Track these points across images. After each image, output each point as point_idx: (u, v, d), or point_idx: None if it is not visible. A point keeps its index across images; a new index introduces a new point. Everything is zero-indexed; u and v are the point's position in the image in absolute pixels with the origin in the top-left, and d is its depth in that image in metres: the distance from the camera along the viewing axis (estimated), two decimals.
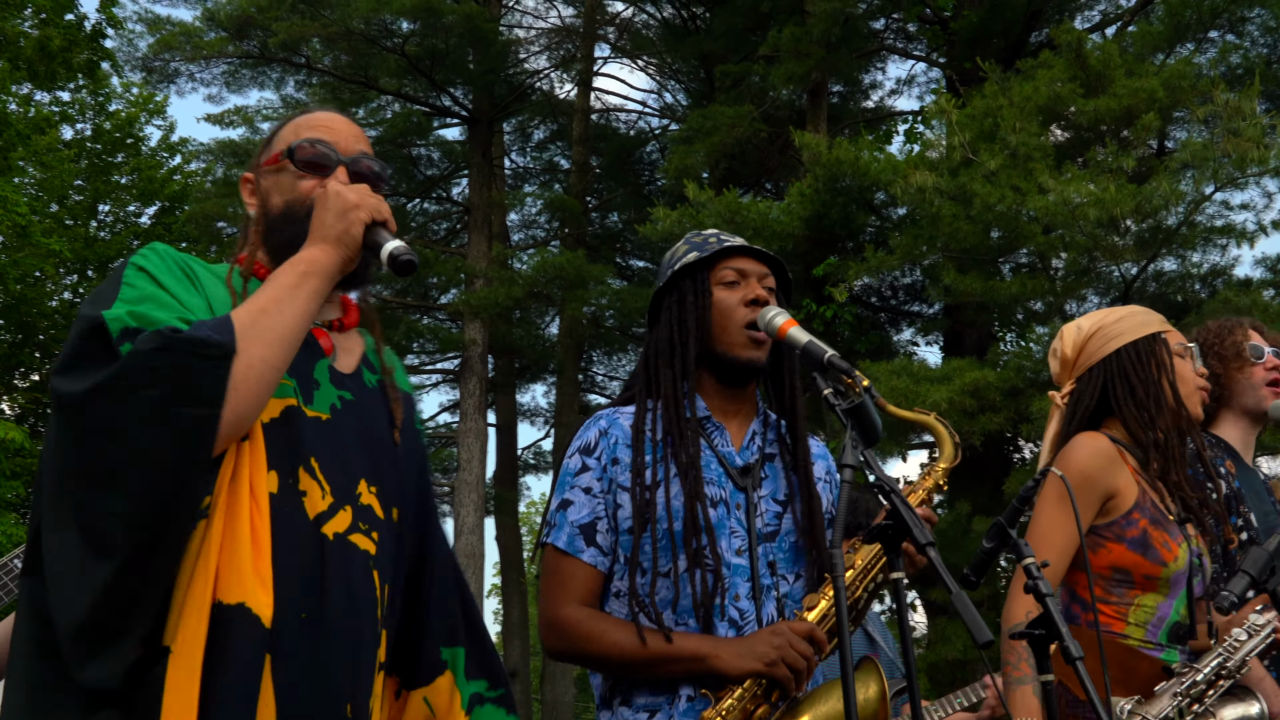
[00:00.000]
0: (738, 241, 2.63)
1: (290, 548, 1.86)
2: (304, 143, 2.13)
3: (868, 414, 1.97)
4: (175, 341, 1.76)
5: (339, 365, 2.11)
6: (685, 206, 13.35)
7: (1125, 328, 3.08)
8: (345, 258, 1.98)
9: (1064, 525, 2.81)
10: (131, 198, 20.19)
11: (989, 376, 11.26)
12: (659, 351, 2.57)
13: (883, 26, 18.30)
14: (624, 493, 2.45)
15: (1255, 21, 13.62)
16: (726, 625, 2.39)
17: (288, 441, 1.92)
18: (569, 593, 2.44)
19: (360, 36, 18.57)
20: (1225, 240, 12.19)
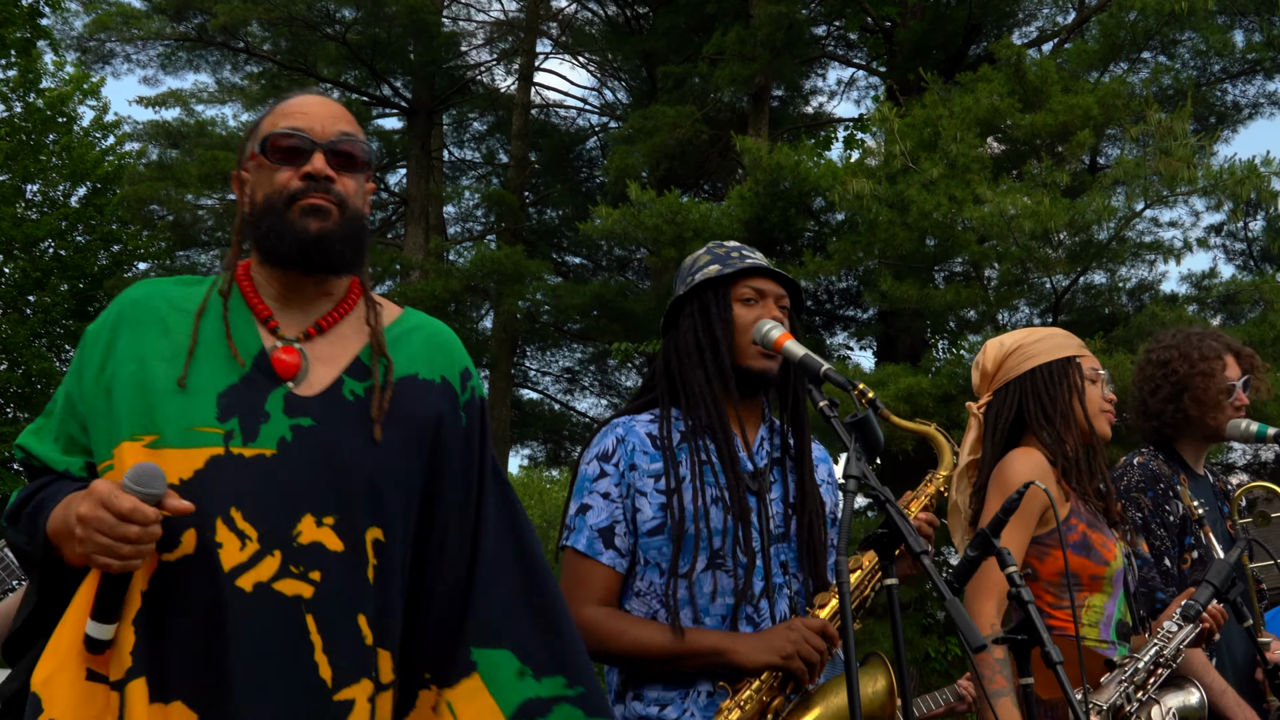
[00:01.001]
0: (760, 260, 2.74)
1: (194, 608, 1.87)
2: (277, 133, 2.08)
3: (870, 427, 2.05)
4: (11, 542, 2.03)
5: (302, 388, 2.01)
6: (626, 206, 13.41)
7: (1043, 349, 3.23)
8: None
9: (1015, 538, 2.95)
10: (61, 178, 19.80)
11: (922, 383, 11.45)
12: (684, 355, 2.67)
13: (825, 33, 18.50)
14: (641, 497, 2.56)
15: (1186, 44, 13.97)
16: (744, 623, 2.50)
17: (208, 494, 1.88)
18: (589, 593, 2.53)
19: (301, 23, 18.40)
20: (1153, 256, 12.51)
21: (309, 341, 2.06)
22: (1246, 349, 3.87)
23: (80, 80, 20.12)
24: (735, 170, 18.00)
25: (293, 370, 2.01)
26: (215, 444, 1.91)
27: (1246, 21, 14.32)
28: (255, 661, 1.85)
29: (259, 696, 1.85)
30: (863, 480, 1.98)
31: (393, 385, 2.07)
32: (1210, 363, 3.76)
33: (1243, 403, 3.75)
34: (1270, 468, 13.13)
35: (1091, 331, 11.41)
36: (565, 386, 23.38)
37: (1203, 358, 3.78)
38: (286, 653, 1.88)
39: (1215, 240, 14.42)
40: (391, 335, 2.13)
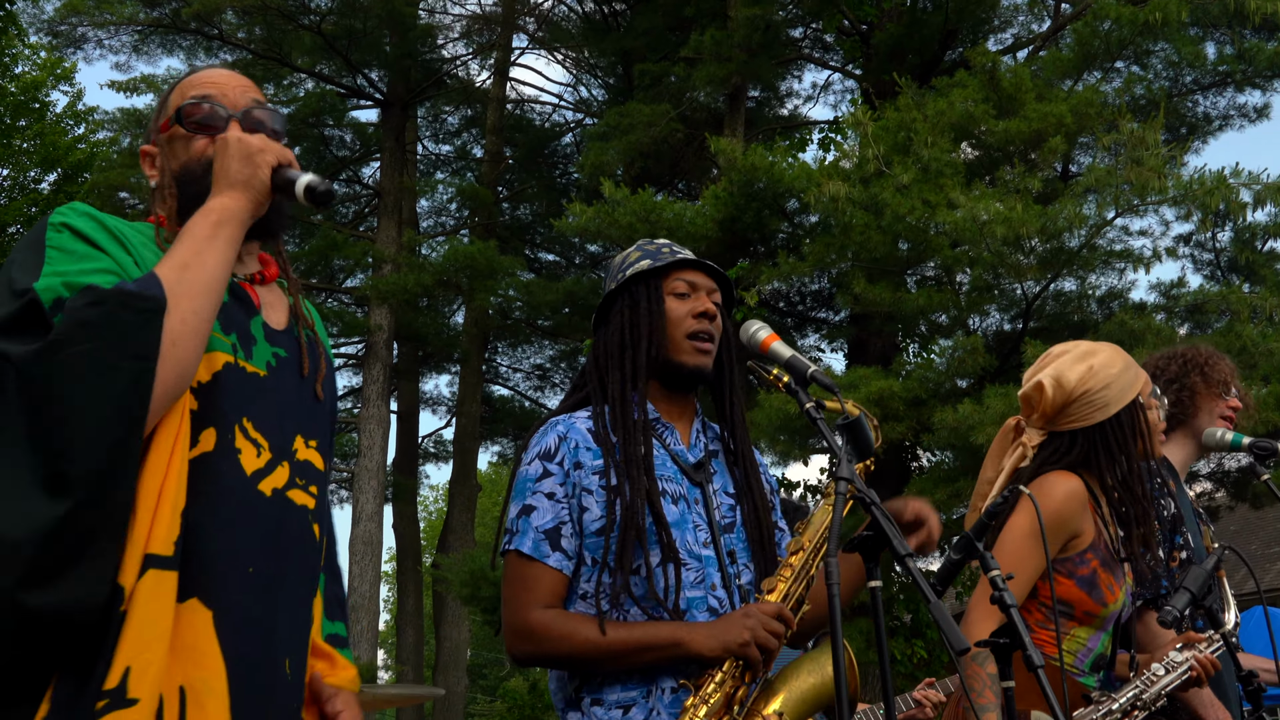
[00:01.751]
0: (689, 255, 2.71)
1: (225, 504, 1.88)
2: (191, 103, 2.12)
3: (861, 430, 2.06)
4: (106, 296, 1.77)
5: (270, 321, 2.11)
6: (600, 204, 13.41)
7: (1111, 397, 3.12)
8: (255, 202, 1.99)
9: (1031, 557, 2.91)
10: (32, 163, 19.62)
11: (893, 386, 11.50)
12: (609, 354, 2.63)
13: (801, 35, 18.55)
14: (588, 495, 2.49)
15: (1159, 55, 14.07)
16: (708, 615, 2.46)
17: (226, 399, 1.94)
18: (536, 597, 2.45)
19: (276, 11, 18.32)
20: (1123, 264, 12.59)
21: (257, 285, 2.15)
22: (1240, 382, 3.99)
23: (53, 66, 19.95)
24: (710, 170, 18.02)
25: (259, 304, 2.11)
26: (228, 351, 1.98)
27: (1218, 34, 14.45)
28: (278, 564, 1.94)
29: (282, 599, 1.94)
30: (852, 483, 1.99)
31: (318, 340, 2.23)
32: (1217, 356, 3.91)
33: (1235, 405, 3.84)
34: (1233, 476, 13.25)
35: (1061, 338, 11.46)
36: (536, 383, 23.40)
37: (1209, 350, 3.93)
38: (302, 557, 2.01)
39: (1184, 250, 14.54)
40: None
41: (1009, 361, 12.34)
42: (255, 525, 1.92)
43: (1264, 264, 13.23)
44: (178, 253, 1.89)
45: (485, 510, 35.61)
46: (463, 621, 19.75)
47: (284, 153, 2.02)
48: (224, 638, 1.83)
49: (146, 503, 1.80)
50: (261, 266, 2.19)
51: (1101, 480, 3.10)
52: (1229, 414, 3.86)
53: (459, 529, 19.86)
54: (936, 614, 1.83)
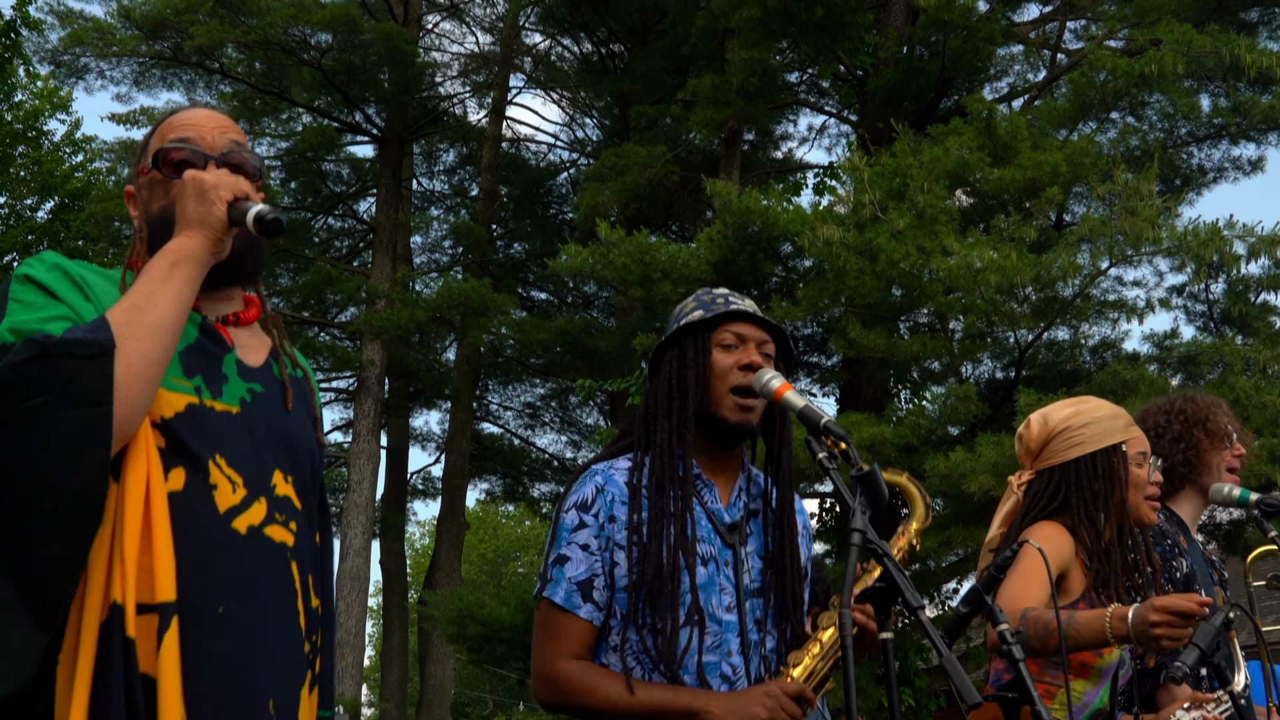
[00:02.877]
0: (744, 306, 2.68)
1: (199, 542, 1.86)
2: (169, 146, 2.12)
3: (876, 482, 2.03)
4: (49, 347, 1.75)
5: (245, 359, 2.10)
6: (595, 244, 13.43)
7: (1090, 435, 3.20)
8: (213, 240, 1.97)
9: (1038, 586, 2.92)
10: (29, 191, 19.63)
11: (885, 432, 11.48)
12: (658, 404, 2.62)
13: (798, 80, 18.66)
14: (620, 550, 2.50)
15: (1154, 107, 14.17)
16: (720, 680, 2.46)
17: (193, 437, 1.92)
18: (564, 647, 2.48)
19: (277, 46, 18.40)
20: (1116, 314, 12.60)
21: (231, 326, 2.14)
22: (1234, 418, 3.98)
23: (51, 94, 20.00)
24: (704, 212, 18.08)
25: (231, 343, 2.09)
26: (190, 394, 1.96)
27: (1213, 87, 14.56)
28: (256, 603, 1.91)
29: (261, 638, 1.91)
30: (866, 535, 1.96)
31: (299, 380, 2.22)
32: (1214, 405, 3.90)
33: (1239, 453, 3.83)
34: (1225, 529, 13.23)
35: (1054, 387, 11.49)
36: (526, 421, 23.35)
37: (1205, 401, 3.92)
38: (280, 596, 1.97)
39: (1177, 301, 14.57)
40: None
41: (1001, 410, 12.33)
42: (228, 563, 1.89)
43: (1257, 316, 13.27)
44: (131, 294, 1.89)
45: (472, 548, 35.48)
46: (448, 659, 19.61)
47: (238, 186, 2.00)
48: (188, 680, 1.79)
49: (134, 545, 1.78)
50: (242, 307, 2.18)
51: (1074, 527, 3.12)
52: (1235, 464, 3.85)
53: (446, 566, 19.76)
54: (949, 667, 1.80)
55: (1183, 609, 2.68)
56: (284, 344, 2.22)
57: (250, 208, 1.97)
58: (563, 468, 22.36)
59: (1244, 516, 12.24)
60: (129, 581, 1.76)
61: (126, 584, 1.76)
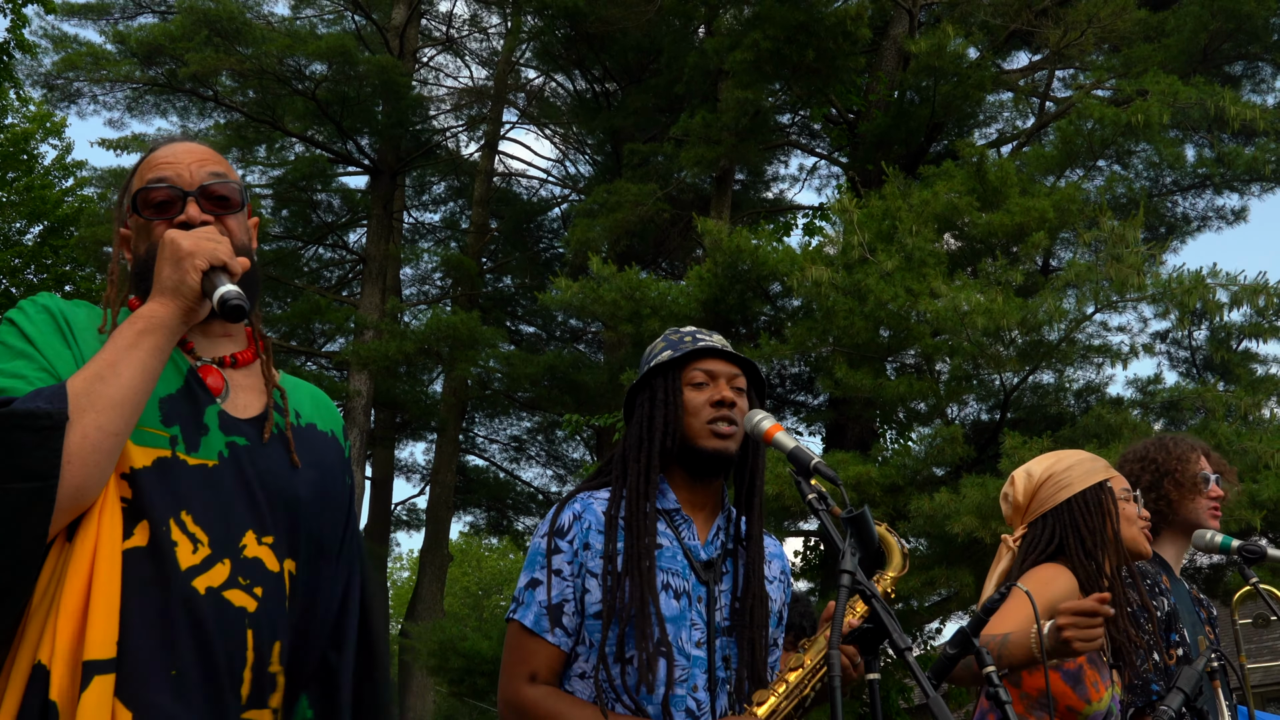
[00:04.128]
0: (713, 342, 2.71)
1: (152, 601, 1.82)
2: (146, 188, 2.07)
3: (865, 524, 2.07)
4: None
5: (232, 408, 2.03)
6: (586, 279, 13.50)
7: (1074, 476, 3.27)
8: (184, 308, 1.92)
9: (1013, 621, 2.96)
10: (19, 215, 19.63)
11: (871, 472, 11.52)
12: (629, 445, 2.66)
13: (790, 121, 18.82)
14: (592, 578, 2.52)
15: (1140, 155, 14.34)
16: (685, 715, 2.47)
17: (158, 492, 1.87)
18: (531, 670, 2.50)
19: (272, 75, 18.48)
20: (1101, 359, 12.71)
21: (228, 369, 2.08)
22: (1215, 454, 4.02)
23: (43, 119, 20.04)
24: (694, 250, 18.18)
25: (219, 389, 2.03)
26: (162, 446, 1.91)
27: (1198, 137, 14.75)
28: (201, 667, 1.84)
29: (194, 704, 1.83)
30: (855, 576, 2.00)
31: (302, 429, 2.13)
32: (1186, 453, 3.92)
33: (1217, 494, 3.88)
34: (1205, 573, 13.30)
35: (1039, 430, 11.56)
36: (512, 455, 23.34)
37: (1178, 449, 3.93)
38: (227, 663, 1.88)
39: (1161, 347, 14.70)
40: (284, 383, 2.18)
41: (986, 452, 12.40)
42: (183, 625, 1.84)
43: (1239, 363, 13.39)
44: (95, 362, 1.84)
45: (455, 580, 35.31)
46: (428, 692, 19.51)
47: (215, 254, 1.94)
48: None
49: (73, 604, 1.75)
50: (244, 345, 2.14)
51: (1074, 568, 3.16)
52: (1213, 505, 3.90)
53: (428, 598, 19.69)
54: (934, 708, 1.85)
55: (1085, 608, 2.73)
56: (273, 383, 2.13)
57: (218, 285, 1.92)
58: (547, 501, 22.34)
59: (1224, 561, 12.32)
60: (60, 641, 1.72)
61: (57, 643, 1.72)
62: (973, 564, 11.21)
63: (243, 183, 2.18)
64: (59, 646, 1.72)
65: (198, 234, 1.97)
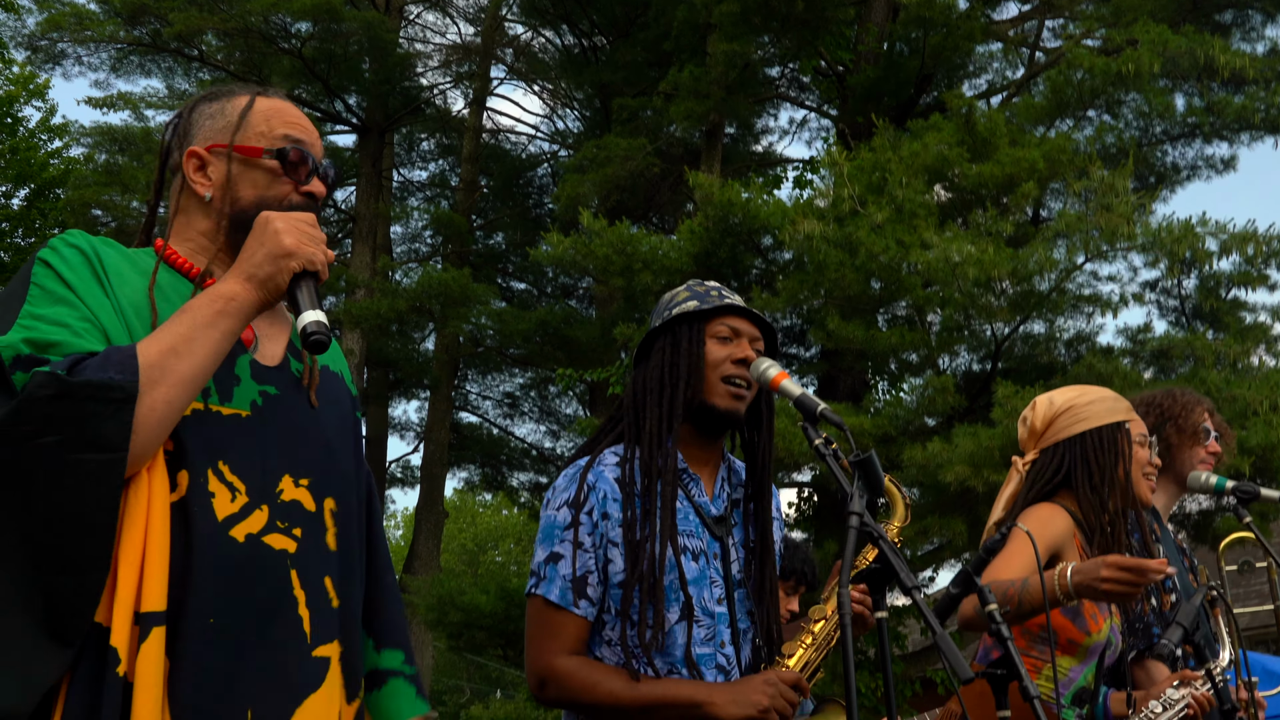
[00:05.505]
0: (738, 301, 2.74)
1: (195, 552, 1.85)
2: (292, 146, 2.10)
3: (873, 467, 2.13)
4: (71, 388, 1.70)
5: (262, 357, 2.06)
6: (577, 234, 13.50)
7: (1094, 412, 3.32)
8: (265, 302, 1.93)
9: (1017, 565, 3.03)
10: (5, 178, 19.52)
11: (864, 423, 11.61)
12: (648, 390, 2.66)
13: (779, 74, 18.76)
14: (614, 548, 2.54)
15: (1129, 105, 14.32)
16: (715, 672, 2.52)
17: (196, 443, 1.90)
18: (561, 644, 2.52)
19: (257, 34, 18.35)
20: (1091, 309, 12.77)
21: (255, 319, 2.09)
22: (1220, 417, 4.10)
23: (27, 80, 19.89)
24: (685, 204, 18.17)
25: (250, 340, 2.06)
26: (197, 400, 1.92)
27: (1188, 86, 14.73)
28: (243, 614, 1.88)
29: (248, 648, 1.88)
30: (864, 518, 2.06)
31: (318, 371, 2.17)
32: (1193, 405, 4.02)
33: (1215, 450, 3.96)
34: (1194, 519, 13.43)
35: (1030, 380, 11.64)
36: (505, 411, 23.40)
37: (1186, 399, 4.03)
38: (275, 605, 1.93)
39: (1150, 296, 14.74)
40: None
41: (978, 401, 12.48)
42: (222, 573, 1.87)
43: (1228, 311, 13.46)
44: (172, 332, 1.84)
45: (451, 537, 35.47)
46: (426, 647, 19.66)
47: (313, 260, 1.94)
48: (175, 691, 1.80)
49: (131, 557, 1.77)
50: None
51: (1078, 499, 3.22)
52: (1208, 459, 3.98)
53: (424, 555, 19.81)
54: (942, 644, 1.91)
55: (1139, 566, 2.79)
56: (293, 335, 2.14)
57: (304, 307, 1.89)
58: (541, 457, 22.44)
59: (1213, 507, 12.44)
60: (122, 594, 1.76)
61: (119, 597, 1.75)
62: (965, 512, 11.33)
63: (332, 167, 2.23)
64: (120, 600, 1.76)
65: (301, 230, 1.96)
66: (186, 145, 2.14)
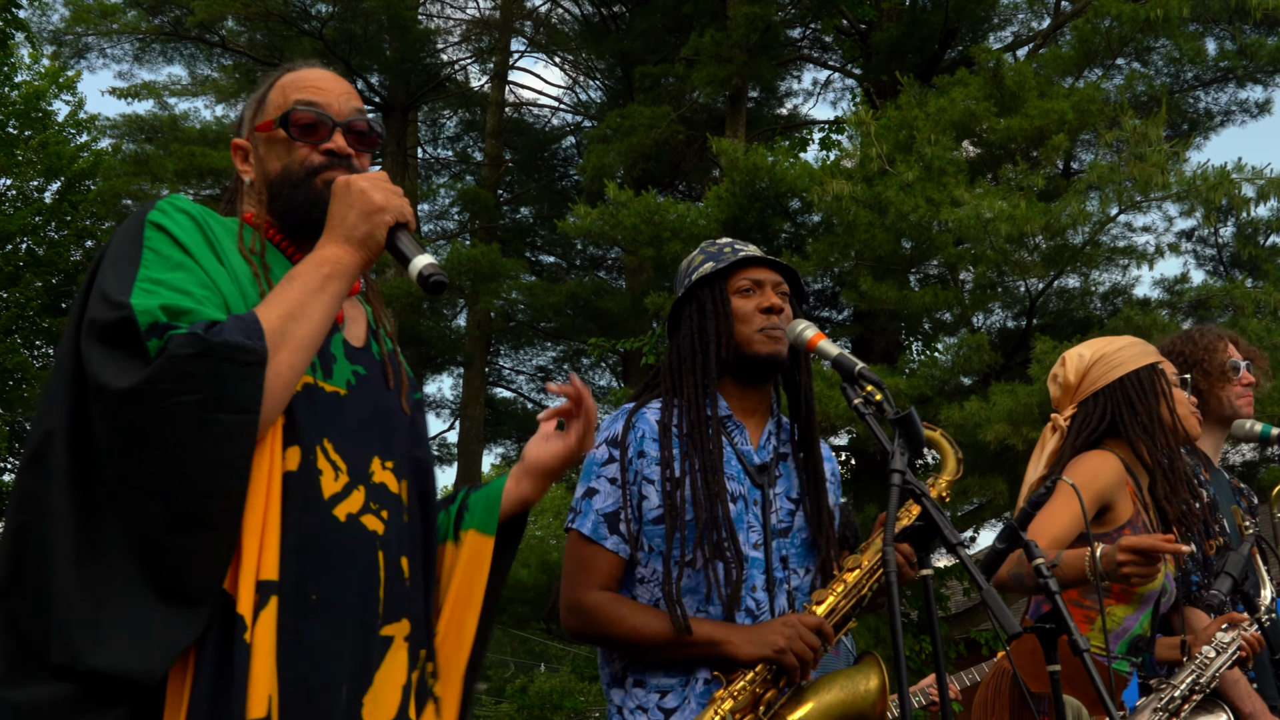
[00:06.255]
0: (752, 251, 2.76)
1: (302, 528, 1.88)
2: (297, 108, 2.10)
3: (914, 424, 2.10)
4: (212, 347, 1.74)
5: (350, 338, 2.10)
6: (604, 205, 13.46)
7: (1126, 356, 3.29)
8: (367, 260, 1.97)
9: (1064, 520, 2.98)
10: (35, 173, 19.66)
11: (899, 384, 11.55)
12: (682, 357, 2.70)
13: (801, 35, 18.60)
14: (649, 484, 2.58)
15: (1160, 52, 14.12)
16: (744, 615, 2.55)
17: (307, 418, 1.93)
18: (591, 578, 2.58)
19: (278, 17, 18.34)
20: (1127, 260, 12.64)
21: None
22: (1244, 341, 4.00)
23: (55, 75, 19.99)
24: (711, 170, 18.07)
25: (340, 319, 2.09)
26: (307, 373, 1.95)
27: (1219, 30, 14.50)
28: (340, 592, 1.92)
29: (345, 625, 1.92)
30: (905, 476, 2.03)
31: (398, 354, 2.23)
32: (1213, 343, 3.93)
33: (1249, 380, 3.88)
34: (1238, 470, 13.30)
35: (1067, 334, 11.53)
36: (539, 385, 23.41)
37: (1204, 339, 3.95)
38: (364, 586, 1.97)
39: (1187, 245, 14.59)
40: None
41: (1014, 358, 12.39)
42: (324, 550, 1.91)
43: (1266, 259, 13.29)
44: (285, 298, 1.87)
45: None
46: None
47: (402, 212, 1.98)
48: (282, 661, 1.82)
49: (254, 526, 1.81)
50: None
51: (1132, 444, 3.16)
52: (1245, 393, 3.89)
53: None
54: (989, 599, 1.87)
55: (1147, 547, 2.75)
56: (382, 316, 2.23)
57: (413, 254, 1.95)
58: None
59: (1257, 457, 12.31)
60: (246, 560, 1.78)
61: (243, 562, 1.78)
62: (1005, 471, 11.25)
63: (380, 125, 2.22)
64: (244, 567, 1.79)
65: (383, 185, 1.99)
66: (235, 139, 2.22)
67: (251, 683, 1.74)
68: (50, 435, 1.81)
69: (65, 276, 19.22)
